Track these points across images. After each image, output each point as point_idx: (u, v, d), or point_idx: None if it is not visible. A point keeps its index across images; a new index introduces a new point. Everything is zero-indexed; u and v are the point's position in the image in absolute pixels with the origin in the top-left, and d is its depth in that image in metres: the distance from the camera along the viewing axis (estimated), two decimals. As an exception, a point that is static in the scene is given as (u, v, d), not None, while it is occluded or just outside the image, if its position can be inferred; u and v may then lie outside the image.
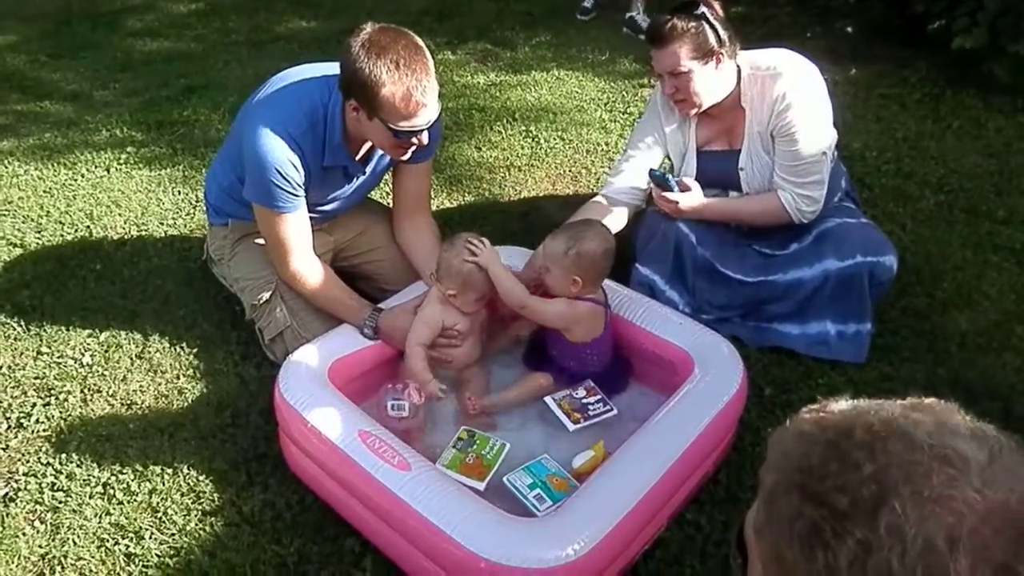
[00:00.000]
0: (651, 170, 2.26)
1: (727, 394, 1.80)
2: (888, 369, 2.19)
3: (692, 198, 2.24)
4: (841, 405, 0.74)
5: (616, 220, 2.30)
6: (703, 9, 2.09)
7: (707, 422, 1.73)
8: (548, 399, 1.94)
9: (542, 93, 3.84)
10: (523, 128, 3.51)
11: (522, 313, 2.03)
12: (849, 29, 4.24)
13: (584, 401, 1.93)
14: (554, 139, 3.42)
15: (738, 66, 2.18)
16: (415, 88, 1.82)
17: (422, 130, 1.90)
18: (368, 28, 1.85)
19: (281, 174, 1.95)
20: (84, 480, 1.90)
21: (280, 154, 1.94)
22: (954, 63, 3.62)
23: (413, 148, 1.98)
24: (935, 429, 0.67)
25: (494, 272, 1.97)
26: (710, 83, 2.14)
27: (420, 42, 1.87)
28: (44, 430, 2.04)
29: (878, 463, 0.65)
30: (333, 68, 1.97)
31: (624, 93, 3.81)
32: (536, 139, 3.42)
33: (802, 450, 0.70)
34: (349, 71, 1.84)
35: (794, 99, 2.13)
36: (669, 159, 2.39)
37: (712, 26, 2.08)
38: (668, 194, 2.23)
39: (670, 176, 2.24)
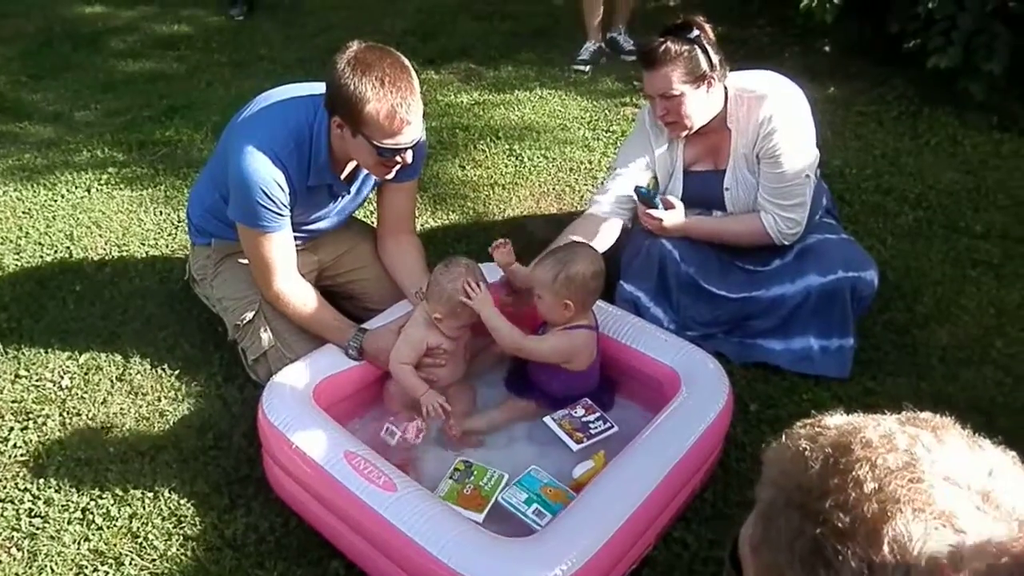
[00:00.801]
0: (637, 187, 2.27)
1: (713, 411, 1.80)
2: (872, 384, 2.20)
3: (676, 216, 2.26)
4: (836, 420, 0.74)
5: (606, 236, 2.31)
6: (696, 32, 2.10)
7: (694, 439, 1.73)
8: (548, 420, 1.92)
9: (525, 112, 3.87)
10: (507, 147, 3.53)
11: (519, 355, 2.02)
12: (827, 48, 4.31)
13: (584, 420, 1.93)
14: (538, 157, 3.44)
15: (725, 87, 2.21)
16: (399, 106, 1.82)
17: (406, 148, 1.91)
18: (354, 46, 1.86)
19: (266, 194, 1.95)
20: (62, 505, 1.86)
21: (265, 173, 1.94)
22: (930, 81, 3.69)
23: (397, 167, 1.98)
24: (934, 444, 0.67)
25: (487, 316, 1.94)
26: (701, 106, 2.16)
27: (405, 61, 1.88)
28: (21, 455, 2.00)
29: (879, 480, 0.64)
30: (318, 88, 1.97)
31: (607, 112, 3.84)
32: (520, 157, 3.44)
33: (801, 467, 0.69)
34: (334, 88, 1.84)
35: (779, 123, 2.15)
36: (655, 178, 2.40)
37: (704, 50, 2.10)
38: (653, 211, 2.24)
39: (655, 194, 2.25)
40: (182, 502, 1.87)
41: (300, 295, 2.11)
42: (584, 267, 1.93)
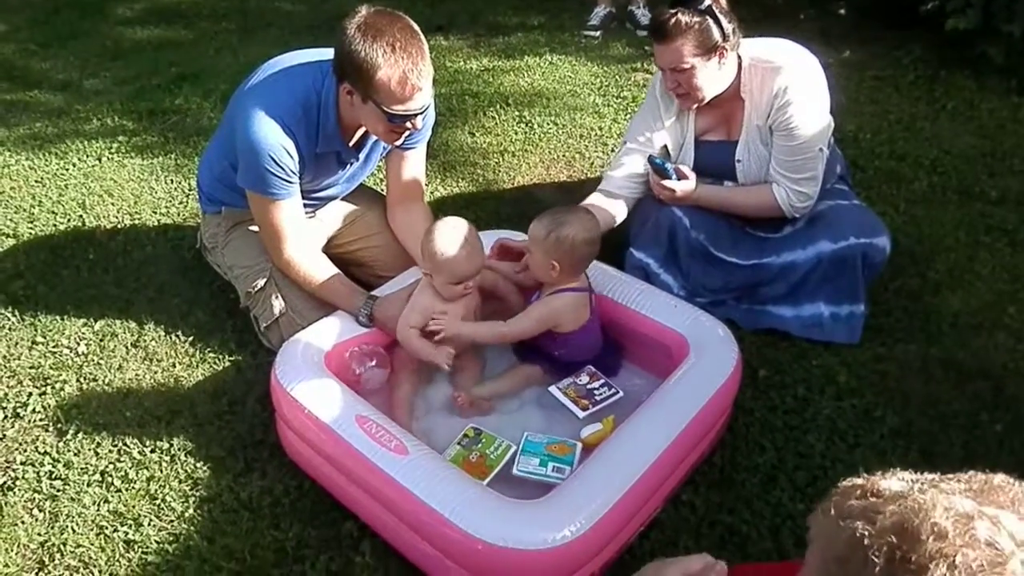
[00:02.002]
0: (650, 156, 2.26)
1: (722, 376, 1.81)
2: (881, 350, 2.20)
3: (688, 186, 2.24)
4: (895, 487, 0.62)
5: (616, 213, 2.31)
6: (708, 2, 2.05)
7: (702, 404, 1.74)
8: (553, 389, 1.94)
9: (535, 78, 3.83)
10: (516, 113, 3.50)
11: (506, 341, 2.03)
12: (842, 11, 4.23)
13: (589, 387, 1.94)
14: (547, 124, 3.41)
15: (739, 56, 2.17)
16: (411, 71, 1.81)
17: (416, 114, 1.90)
18: (363, 11, 1.84)
19: (275, 160, 1.95)
20: (82, 468, 1.90)
21: (274, 140, 1.93)
22: (948, 44, 3.62)
23: (407, 133, 1.97)
24: (1021, 530, 0.56)
25: (462, 335, 1.97)
26: (712, 78, 2.13)
27: (415, 26, 1.86)
28: (41, 419, 2.04)
29: None
30: (326, 54, 1.96)
31: (617, 78, 3.80)
32: (529, 124, 3.41)
33: (859, 559, 0.58)
34: (344, 53, 1.82)
35: (794, 94, 2.12)
36: (666, 148, 2.38)
37: (717, 20, 2.05)
38: (665, 182, 2.23)
39: (668, 164, 2.24)
40: (198, 465, 1.90)
41: (310, 262, 2.12)
42: (576, 231, 1.92)
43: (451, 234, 1.94)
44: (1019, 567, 0.53)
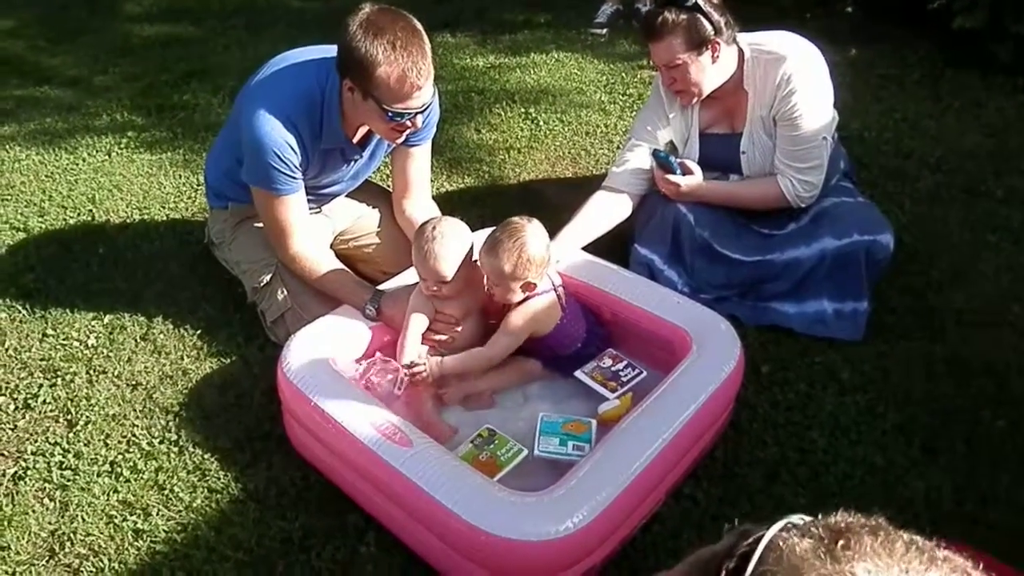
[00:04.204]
0: (655, 151, 2.27)
1: (724, 371, 1.82)
2: (884, 347, 2.21)
3: (693, 181, 2.25)
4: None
5: (621, 210, 2.32)
6: None
7: (704, 399, 1.75)
8: (579, 374, 1.96)
9: (541, 75, 3.84)
10: (522, 110, 3.51)
11: (494, 363, 1.98)
12: (849, 9, 4.23)
13: (614, 369, 1.97)
14: (553, 121, 3.42)
15: (740, 48, 2.18)
16: (410, 70, 1.82)
17: (416, 113, 1.91)
18: (367, 8, 1.85)
19: (279, 156, 1.97)
20: (91, 459, 1.93)
21: (278, 136, 1.95)
22: (955, 43, 3.61)
23: (407, 131, 1.99)
24: None
25: (444, 370, 1.92)
26: (707, 72, 2.14)
27: (418, 25, 1.88)
28: (51, 410, 2.06)
29: None
30: (331, 51, 1.98)
31: (623, 75, 3.81)
32: (535, 121, 3.43)
33: None
34: (346, 50, 1.84)
35: (797, 84, 2.13)
36: (672, 143, 2.39)
37: (706, 14, 2.06)
38: (671, 176, 2.24)
39: (673, 158, 2.25)
40: (206, 457, 1.92)
41: (316, 257, 2.14)
42: (535, 245, 1.87)
43: (424, 233, 1.93)
44: None
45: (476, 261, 1.99)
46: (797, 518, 0.64)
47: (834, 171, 2.38)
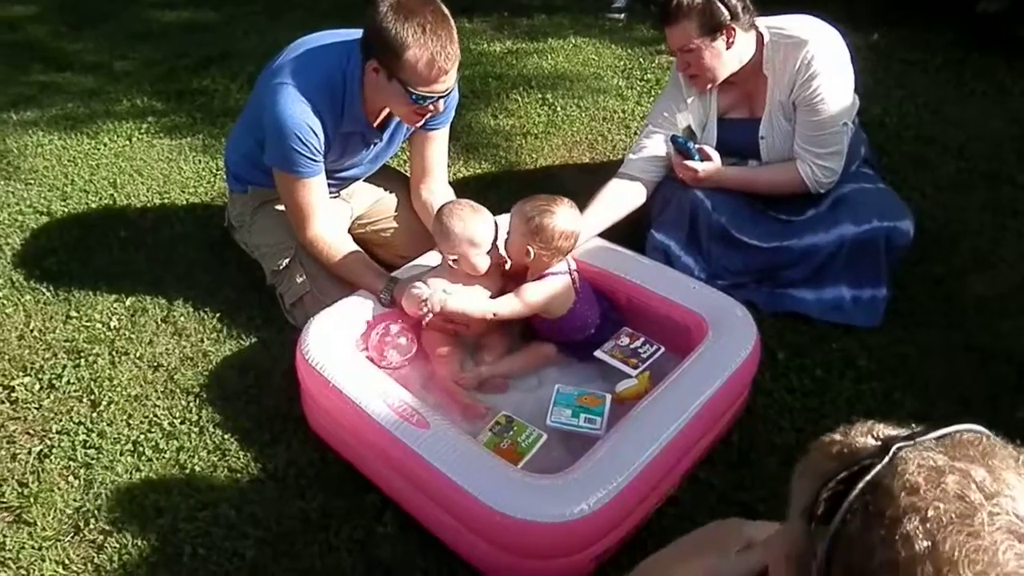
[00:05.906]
0: (673, 136, 2.26)
1: (740, 357, 1.82)
2: (903, 333, 2.20)
3: (711, 167, 2.24)
4: (869, 443, 0.64)
5: (636, 198, 2.32)
6: None
7: (720, 384, 1.75)
8: (599, 353, 1.96)
9: (559, 60, 3.83)
10: (539, 96, 3.50)
11: (494, 318, 1.99)
12: (872, -7, 4.16)
13: (632, 347, 1.97)
14: (571, 106, 3.41)
15: (759, 32, 2.16)
16: (439, 54, 1.83)
17: (439, 97, 1.92)
18: None
19: (300, 139, 1.98)
20: (114, 438, 1.96)
21: (300, 119, 1.97)
22: (978, 27, 3.55)
23: (428, 115, 1.99)
24: (990, 483, 0.58)
25: (450, 308, 1.93)
26: (722, 58, 2.13)
27: (445, 9, 1.88)
28: (75, 390, 2.10)
29: (932, 537, 0.56)
30: (352, 35, 1.99)
31: (641, 60, 3.78)
32: (552, 106, 3.42)
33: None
34: (374, 30, 1.84)
35: (818, 68, 2.11)
36: (690, 128, 2.38)
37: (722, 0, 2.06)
38: (689, 162, 2.23)
39: (691, 144, 2.24)
40: (226, 437, 1.95)
41: (334, 241, 2.15)
42: (558, 222, 1.91)
43: (457, 209, 1.99)
44: (987, 519, 0.55)
45: (496, 246, 2.01)
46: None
47: (854, 157, 2.35)
